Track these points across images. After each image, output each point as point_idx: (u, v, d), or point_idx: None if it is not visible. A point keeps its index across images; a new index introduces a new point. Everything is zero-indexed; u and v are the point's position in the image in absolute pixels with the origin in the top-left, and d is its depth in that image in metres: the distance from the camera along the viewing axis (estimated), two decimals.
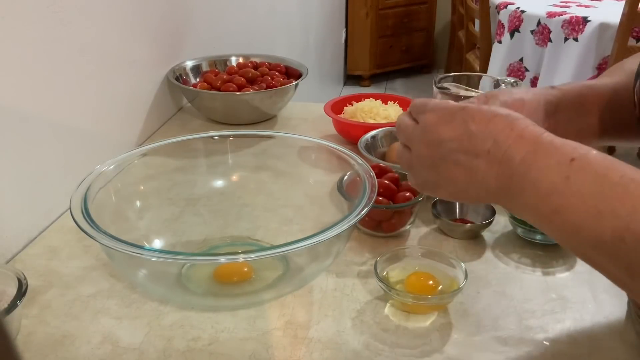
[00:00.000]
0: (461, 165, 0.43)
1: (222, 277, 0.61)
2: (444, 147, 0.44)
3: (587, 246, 0.37)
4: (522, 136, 0.41)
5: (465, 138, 0.42)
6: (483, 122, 0.42)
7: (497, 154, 0.41)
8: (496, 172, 0.41)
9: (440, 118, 0.44)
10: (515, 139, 0.41)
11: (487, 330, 0.55)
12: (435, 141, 0.44)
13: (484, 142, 0.42)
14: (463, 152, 0.43)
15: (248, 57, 1.18)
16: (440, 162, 0.44)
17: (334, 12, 3.27)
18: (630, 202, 0.35)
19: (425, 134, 0.45)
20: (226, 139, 0.73)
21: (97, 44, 0.83)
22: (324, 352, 0.53)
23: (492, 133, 0.42)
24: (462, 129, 0.43)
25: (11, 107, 0.66)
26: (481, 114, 0.43)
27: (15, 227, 0.68)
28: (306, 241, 0.51)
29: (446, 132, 0.44)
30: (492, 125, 0.42)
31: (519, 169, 0.40)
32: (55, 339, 0.55)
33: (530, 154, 0.40)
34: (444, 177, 0.45)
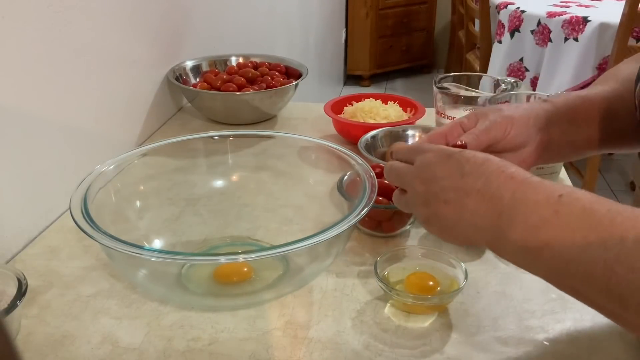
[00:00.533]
0: (451, 203, 0.45)
1: (222, 277, 0.61)
2: (437, 185, 0.46)
3: (578, 280, 0.37)
4: (512, 177, 0.42)
5: (457, 177, 0.44)
6: (477, 164, 0.44)
7: (487, 192, 0.42)
8: (485, 209, 0.42)
9: (436, 157, 0.47)
10: (505, 179, 0.42)
11: (487, 331, 0.55)
12: (430, 178, 0.46)
13: (475, 181, 0.43)
14: (454, 190, 0.44)
15: (248, 57, 1.18)
16: (432, 199, 0.46)
17: (334, 12, 3.27)
18: (618, 233, 0.35)
19: (421, 171, 0.47)
20: (226, 139, 0.73)
21: (97, 43, 0.83)
22: (324, 352, 0.53)
23: (484, 173, 0.43)
24: (456, 168, 0.45)
25: (11, 107, 0.66)
26: (475, 156, 0.45)
27: (15, 227, 0.68)
28: (306, 241, 0.50)
29: (440, 171, 0.46)
30: (484, 167, 0.44)
31: (508, 205, 0.41)
32: (55, 339, 0.55)
33: (519, 191, 0.41)
34: (434, 213, 0.46)
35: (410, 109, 1.01)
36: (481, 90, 0.99)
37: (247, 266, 0.61)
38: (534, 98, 0.88)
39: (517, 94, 0.88)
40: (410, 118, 0.96)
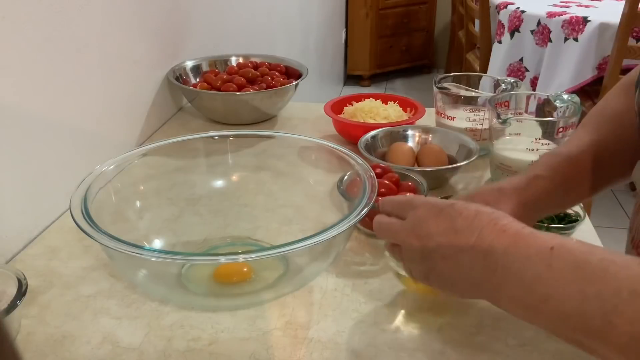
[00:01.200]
0: (448, 260, 0.44)
1: (222, 277, 0.61)
2: (432, 241, 0.45)
3: (579, 333, 0.37)
4: (504, 230, 0.42)
5: (451, 232, 0.44)
6: (469, 218, 0.44)
7: (480, 248, 0.42)
8: (480, 266, 0.42)
9: (428, 212, 0.46)
10: (498, 233, 0.42)
11: (487, 330, 0.55)
12: (424, 234, 0.46)
13: (469, 237, 0.43)
14: (449, 246, 0.44)
15: (248, 57, 1.18)
16: (429, 255, 0.46)
17: (334, 12, 3.27)
18: (613, 284, 0.35)
19: (414, 228, 0.47)
20: (226, 139, 0.73)
21: (98, 44, 0.83)
22: (324, 352, 0.53)
23: (476, 228, 0.43)
24: (449, 223, 0.44)
25: (11, 107, 0.66)
26: (467, 210, 0.44)
27: (15, 227, 0.68)
28: (306, 241, 0.50)
29: (434, 226, 0.45)
30: (477, 220, 0.43)
31: (502, 261, 0.41)
32: (55, 339, 0.55)
33: (511, 246, 0.41)
34: (432, 269, 0.46)
35: (410, 109, 1.01)
36: (481, 90, 0.99)
37: (247, 266, 0.61)
38: (534, 98, 0.88)
39: (517, 94, 0.88)
40: (410, 118, 0.96)
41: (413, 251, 0.47)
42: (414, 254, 0.47)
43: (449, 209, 0.45)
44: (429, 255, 0.46)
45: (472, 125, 0.91)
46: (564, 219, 0.69)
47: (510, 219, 0.44)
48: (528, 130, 0.78)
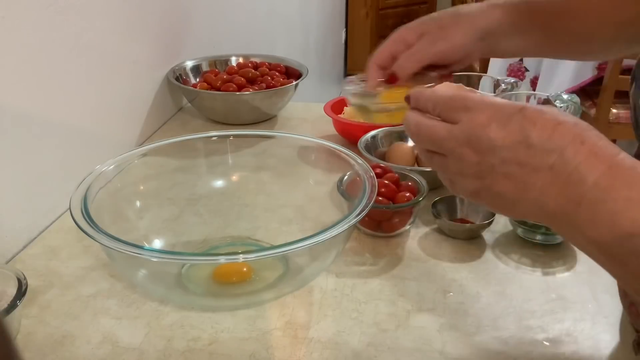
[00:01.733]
0: (513, 179, 0.36)
1: (221, 277, 0.61)
2: (495, 156, 0.36)
3: None
4: (596, 154, 0.34)
5: (522, 147, 0.35)
6: (546, 130, 0.35)
7: (564, 171, 0.34)
8: (558, 192, 0.35)
9: (491, 119, 0.37)
10: (587, 156, 0.34)
11: (487, 330, 0.55)
12: (485, 147, 0.37)
13: (547, 155, 0.35)
14: (518, 163, 0.36)
15: (248, 57, 1.18)
16: (487, 172, 0.37)
17: (334, 12, 3.27)
18: None
19: (471, 137, 0.37)
20: (226, 139, 0.73)
21: (98, 44, 0.83)
22: (324, 352, 0.53)
23: (557, 145, 0.34)
24: (520, 135, 0.36)
25: (11, 107, 0.66)
26: (544, 119, 0.36)
27: (15, 227, 0.68)
28: (306, 241, 0.50)
29: (499, 138, 0.36)
30: (557, 134, 0.35)
31: (591, 194, 0.33)
32: (55, 339, 0.55)
33: (606, 177, 0.33)
34: (488, 188, 0.38)
35: None
36: (481, 90, 0.99)
37: (246, 266, 0.61)
38: (534, 98, 0.88)
39: (517, 94, 0.88)
40: None
41: (465, 164, 0.38)
42: (467, 168, 0.38)
43: (519, 116, 0.36)
44: (488, 171, 0.37)
45: None
46: None
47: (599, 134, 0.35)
48: None
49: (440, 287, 0.61)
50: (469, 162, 0.38)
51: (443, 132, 0.39)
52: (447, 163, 0.40)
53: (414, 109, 0.42)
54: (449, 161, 0.39)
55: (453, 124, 0.39)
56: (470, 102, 0.38)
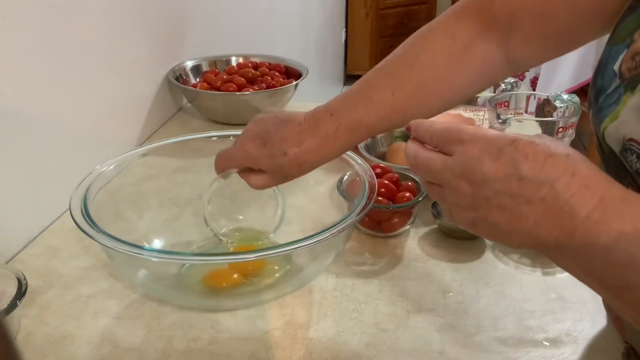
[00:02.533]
0: (507, 210, 0.36)
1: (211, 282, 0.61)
2: (488, 188, 0.37)
3: None
4: (587, 185, 0.34)
5: (514, 180, 0.35)
6: (538, 163, 0.35)
7: (555, 203, 0.34)
8: (552, 225, 0.35)
9: (483, 152, 0.37)
10: (579, 188, 0.34)
11: (487, 330, 0.55)
12: (479, 179, 0.37)
13: (538, 188, 0.35)
14: (510, 195, 0.36)
15: (248, 57, 1.18)
16: (481, 204, 0.37)
17: (334, 12, 3.27)
18: None
19: (465, 170, 0.38)
20: (226, 139, 0.73)
21: (97, 44, 0.83)
22: (324, 352, 0.53)
23: (548, 177, 0.34)
24: (511, 168, 0.36)
25: (11, 107, 0.66)
26: (535, 152, 0.35)
27: (15, 227, 0.68)
28: (306, 241, 0.51)
29: (491, 170, 0.36)
30: (548, 166, 0.35)
31: (584, 227, 0.33)
32: (55, 339, 0.55)
33: (597, 210, 0.33)
34: (484, 219, 0.38)
35: None
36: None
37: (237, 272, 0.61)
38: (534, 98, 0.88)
39: (517, 94, 0.88)
40: None
41: (461, 196, 0.39)
42: (462, 200, 0.39)
43: (511, 148, 0.36)
44: (482, 203, 0.37)
45: None
46: None
47: (591, 165, 0.35)
48: (528, 130, 0.78)
49: (440, 287, 0.61)
50: (464, 193, 0.38)
51: (439, 163, 0.40)
52: (444, 194, 0.41)
53: (414, 139, 0.43)
54: (446, 192, 0.40)
55: (449, 155, 0.39)
56: (464, 134, 0.39)
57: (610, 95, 0.43)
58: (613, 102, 0.42)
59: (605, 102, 0.43)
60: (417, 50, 0.57)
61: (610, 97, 0.43)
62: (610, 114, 0.42)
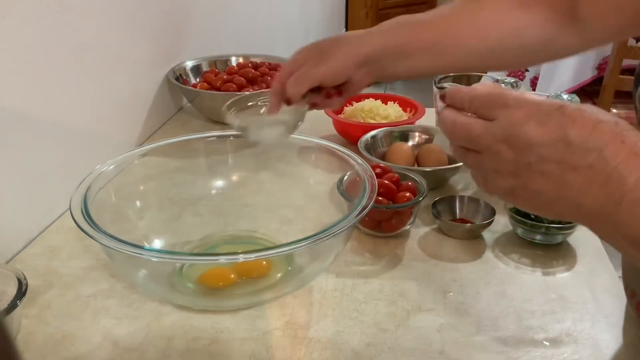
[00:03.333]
0: (551, 177, 0.36)
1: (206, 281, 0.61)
2: (532, 153, 0.36)
3: None
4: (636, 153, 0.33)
5: (561, 145, 0.35)
6: (586, 129, 0.35)
7: (603, 170, 0.34)
8: (598, 192, 0.34)
9: (529, 117, 0.36)
10: (628, 155, 0.33)
11: (487, 330, 0.55)
12: (522, 144, 0.36)
13: (586, 154, 0.34)
14: (556, 162, 0.35)
15: (248, 57, 1.18)
16: (523, 170, 0.37)
17: (334, 12, 3.27)
18: None
19: (509, 134, 0.37)
20: (226, 139, 0.73)
21: (98, 44, 0.83)
22: (324, 352, 0.53)
23: (597, 143, 0.34)
24: (559, 133, 0.35)
25: (11, 107, 0.66)
26: (583, 118, 0.35)
27: (15, 227, 0.68)
28: (306, 241, 0.50)
29: (537, 135, 0.36)
30: (597, 133, 0.34)
31: (632, 195, 0.33)
32: (55, 339, 0.55)
33: None
34: (524, 186, 0.38)
35: (410, 109, 1.01)
36: None
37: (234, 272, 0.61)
38: None
39: None
40: (410, 118, 0.96)
41: (502, 162, 0.38)
42: (503, 166, 0.38)
43: (558, 113, 0.36)
44: (525, 169, 0.37)
45: None
46: None
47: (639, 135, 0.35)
48: None
49: (440, 287, 0.61)
50: (506, 159, 0.37)
51: (480, 128, 0.39)
52: (482, 160, 0.40)
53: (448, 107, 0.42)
54: (484, 158, 0.39)
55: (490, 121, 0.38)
56: (509, 99, 0.38)
57: None
58: None
59: None
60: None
61: None
62: None
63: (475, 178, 0.42)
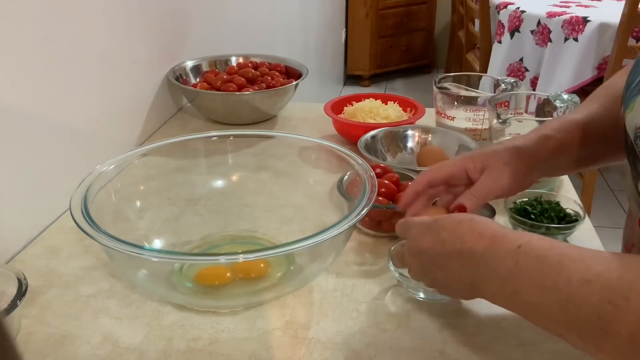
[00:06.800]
0: (443, 269, 0.48)
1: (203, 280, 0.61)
2: (427, 255, 0.49)
3: (546, 320, 0.41)
4: (482, 234, 0.46)
5: (439, 244, 0.48)
6: (451, 229, 0.48)
7: (464, 251, 0.46)
8: (466, 267, 0.46)
9: (419, 232, 0.51)
10: (477, 238, 0.46)
11: (487, 330, 0.55)
12: (419, 252, 0.50)
13: (454, 244, 0.47)
14: (440, 256, 0.48)
15: (248, 57, 1.18)
16: (427, 269, 0.50)
17: (334, 12, 3.27)
18: (565, 275, 0.39)
19: (411, 248, 0.52)
20: (226, 139, 0.73)
21: (98, 44, 0.83)
22: (324, 352, 0.53)
23: (459, 236, 0.47)
24: (436, 237, 0.49)
25: (11, 107, 0.66)
26: (449, 222, 0.49)
27: (15, 227, 0.68)
28: (307, 241, 0.51)
29: (425, 243, 0.50)
30: (458, 229, 0.47)
31: (482, 261, 0.45)
32: (55, 339, 0.55)
33: (488, 247, 0.45)
34: (434, 279, 0.50)
35: (410, 109, 1.01)
36: (481, 90, 0.99)
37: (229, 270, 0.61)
38: (534, 98, 0.88)
39: (517, 94, 0.88)
40: (410, 118, 0.96)
41: (415, 268, 0.52)
42: (417, 270, 0.52)
43: (434, 224, 0.50)
44: (427, 268, 0.50)
45: (472, 125, 0.91)
46: (564, 219, 0.69)
47: (489, 222, 0.47)
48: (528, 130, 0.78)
49: None
50: (417, 265, 0.52)
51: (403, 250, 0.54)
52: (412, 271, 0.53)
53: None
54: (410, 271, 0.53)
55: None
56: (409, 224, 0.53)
57: (634, 87, 0.48)
58: (635, 94, 0.47)
59: (629, 94, 0.49)
60: None
61: (634, 89, 0.48)
62: (630, 104, 0.48)
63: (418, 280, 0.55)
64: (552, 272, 0.40)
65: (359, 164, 0.64)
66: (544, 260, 0.41)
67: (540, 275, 0.41)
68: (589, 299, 0.37)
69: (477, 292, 0.47)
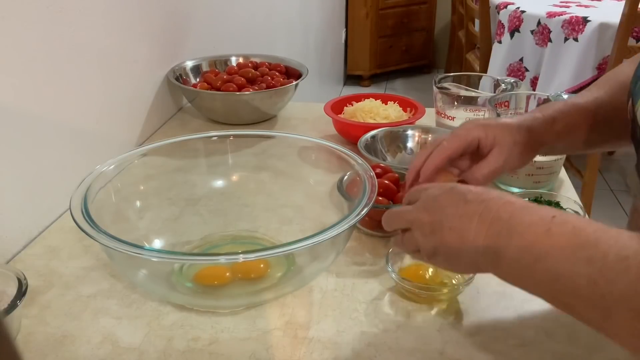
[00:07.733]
0: (456, 229, 0.46)
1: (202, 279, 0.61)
2: (443, 212, 0.48)
3: (566, 293, 0.40)
4: (510, 202, 0.45)
5: (461, 204, 0.47)
6: (478, 193, 0.47)
7: (488, 215, 0.45)
8: (486, 231, 0.45)
9: (440, 189, 0.49)
10: (504, 204, 0.45)
11: (487, 330, 0.55)
12: (436, 207, 0.48)
13: (477, 207, 0.46)
14: (459, 216, 0.46)
15: (248, 57, 1.18)
16: (437, 227, 0.48)
17: (334, 12, 3.27)
18: (602, 248, 0.38)
19: (426, 204, 0.49)
20: (226, 139, 0.73)
21: (98, 44, 0.83)
22: (324, 352, 0.53)
23: (484, 200, 0.46)
24: (460, 196, 0.48)
25: (11, 107, 0.66)
26: (476, 187, 0.49)
27: (15, 227, 0.68)
28: (307, 241, 0.50)
29: (445, 200, 0.48)
30: (484, 194, 0.47)
31: (506, 225, 0.44)
32: (55, 339, 0.55)
33: (516, 214, 0.44)
34: (439, 241, 0.48)
35: (410, 109, 1.01)
36: (481, 90, 0.99)
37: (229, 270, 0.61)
38: (534, 98, 0.88)
39: (517, 94, 0.88)
40: (410, 118, 0.96)
41: (423, 225, 0.49)
42: (424, 228, 0.49)
43: (459, 186, 0.49)
44: (438, 227, 0.47)
45: None
46: None
47: (518, 197, 0.47)
48: None
49: None
50: (425, 222, 0.49)
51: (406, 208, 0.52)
52: (412, 234, 0.50)
53: None
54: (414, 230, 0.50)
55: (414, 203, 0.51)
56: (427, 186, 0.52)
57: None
58: None
59: (638, 89, 0.50)
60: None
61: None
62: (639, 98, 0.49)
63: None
64: (588, 245, 0.39)
65: (359, 164, 0.64)
66: (580, 232, 0.40)
67: (573, 246, 0.40)
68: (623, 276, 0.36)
69: (488, 260, 0.45)
